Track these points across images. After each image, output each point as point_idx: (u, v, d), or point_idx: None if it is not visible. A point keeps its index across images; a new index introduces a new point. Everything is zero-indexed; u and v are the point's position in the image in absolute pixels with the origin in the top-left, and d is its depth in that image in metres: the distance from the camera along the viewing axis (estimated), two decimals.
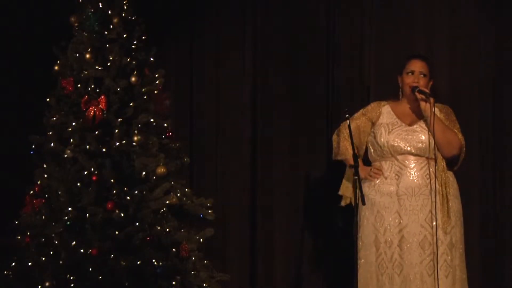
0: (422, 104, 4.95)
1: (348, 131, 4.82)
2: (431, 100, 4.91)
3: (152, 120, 5.05)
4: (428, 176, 4.94)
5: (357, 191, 4.64)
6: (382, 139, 5.01)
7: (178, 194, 5.01)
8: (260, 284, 6.05)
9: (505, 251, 5.76)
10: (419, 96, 4.94)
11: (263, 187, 6.11)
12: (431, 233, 4.89)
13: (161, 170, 4.94)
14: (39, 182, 4.96)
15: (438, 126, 4.91)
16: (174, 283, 4.80)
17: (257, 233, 6.08)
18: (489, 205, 5.79)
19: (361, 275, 4.91)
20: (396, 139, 4.99)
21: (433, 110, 4.89)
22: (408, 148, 4.97)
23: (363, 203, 4.67)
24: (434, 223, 4.89)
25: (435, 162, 4.94)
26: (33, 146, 5.03)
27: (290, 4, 6.12)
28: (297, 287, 5.99)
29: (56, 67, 5.10)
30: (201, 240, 5.06)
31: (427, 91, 4.95)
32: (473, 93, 5.85)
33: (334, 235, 5.87)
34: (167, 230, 4.87)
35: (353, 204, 4.97)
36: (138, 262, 4.72)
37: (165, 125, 5.17)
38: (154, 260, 4.76)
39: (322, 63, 6.06)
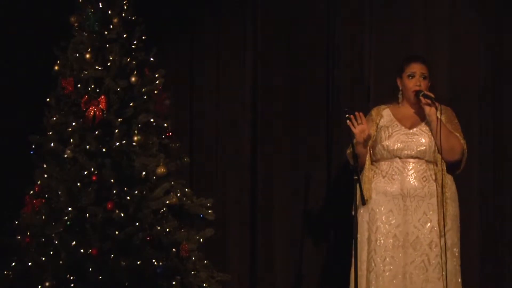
0: (427, 108, 4.92)
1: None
2: (437, 105, 4.89)
3: (152, 120, 5.05)
4: (425, 179, 4.94)
5: (357, 191, 4.64)
6: (382, 143, 5.00)
7: (178, 194, 5.01)
8: (260, 284, 6.04)
9: (505, 251, 5.75)
10: (424, 100, 4.92)
11: (263, 187, 6.10)
12: (424, 234, 4.90)
13: (161, 170, 4.94)
14: (39, 182, 4.96)
15: (442, 132, 4.89)
16: (174, 283, 4.80)
17: (257, 233, 6.07)
18: (489, 205, 5.78)
19: (355, 274, 4.90)
20: (397, 143, 4.98)
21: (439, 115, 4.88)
22: (409, 152, 4.96)
23: (363, 203, 4.68)
24: (428, 225, 4.89)
25: (437, 165, 4.93)
26: (33, 146, 5.04)
27: (290, 4, 6.12)
28: (297, 287, 5.98)
29: (56, 67, 5.10)
30: (201, 240, 5.07)
31: (432, 95, 4.92)
32: (473, 93, 5.84)
33: (334, 235, 5.87)
34: (167, 230, 4.87)
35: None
36: (138, 262, 4.72)
37: (165, 125, 5.17)
38: (154, 260, 4.76)
39: (322, 63, 6.06)
